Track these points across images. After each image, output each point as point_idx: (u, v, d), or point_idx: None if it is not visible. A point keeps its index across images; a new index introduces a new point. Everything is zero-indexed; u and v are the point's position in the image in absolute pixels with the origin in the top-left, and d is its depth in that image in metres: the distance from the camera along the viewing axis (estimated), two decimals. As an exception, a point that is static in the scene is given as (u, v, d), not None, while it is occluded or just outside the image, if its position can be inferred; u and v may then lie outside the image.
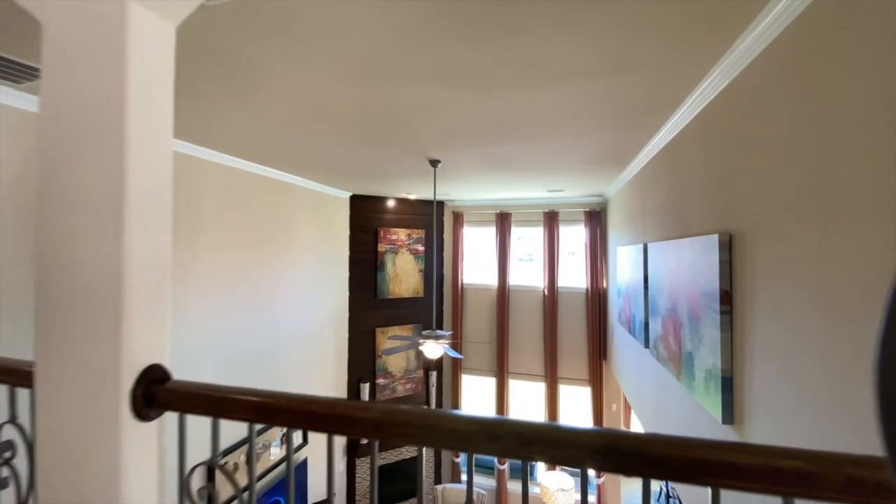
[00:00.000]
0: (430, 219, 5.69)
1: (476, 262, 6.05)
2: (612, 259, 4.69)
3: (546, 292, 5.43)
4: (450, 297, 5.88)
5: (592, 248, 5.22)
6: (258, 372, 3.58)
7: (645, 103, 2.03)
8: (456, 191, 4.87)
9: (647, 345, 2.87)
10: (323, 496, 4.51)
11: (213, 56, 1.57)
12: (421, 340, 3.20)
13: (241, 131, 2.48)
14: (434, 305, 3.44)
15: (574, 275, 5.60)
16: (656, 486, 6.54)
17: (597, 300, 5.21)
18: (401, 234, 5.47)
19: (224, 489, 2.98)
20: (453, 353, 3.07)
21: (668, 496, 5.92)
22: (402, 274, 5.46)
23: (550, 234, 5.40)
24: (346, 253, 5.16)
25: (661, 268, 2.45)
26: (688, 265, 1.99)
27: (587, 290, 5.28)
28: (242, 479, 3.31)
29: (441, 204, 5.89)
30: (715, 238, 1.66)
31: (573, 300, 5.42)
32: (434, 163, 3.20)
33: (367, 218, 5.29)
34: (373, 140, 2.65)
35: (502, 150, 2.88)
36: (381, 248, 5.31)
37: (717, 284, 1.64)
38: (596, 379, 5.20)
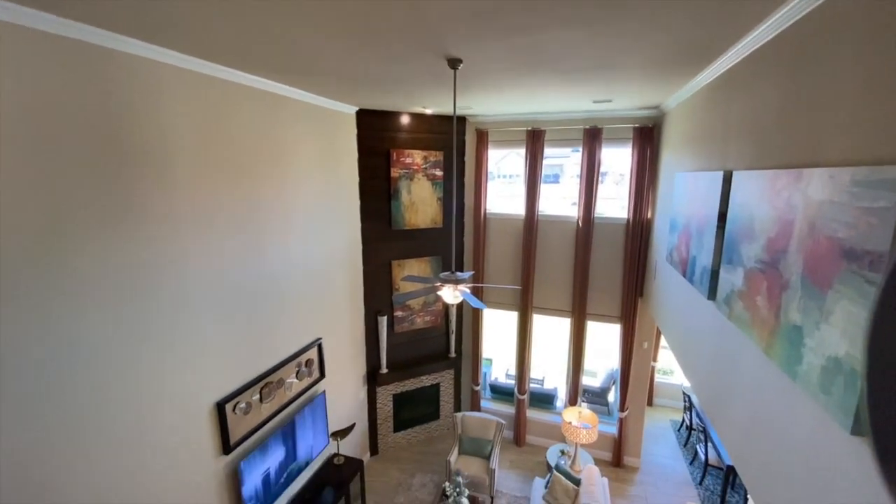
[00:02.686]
0: (449, 138, 4.96)
1: (501, 188, 5.42)
2: (665, 186, 3.98)
3: (580, 223, 4.83)
4: (471, 227, 5.37)
5: (640, 173, 4.47)
6: (264, 312, 3.32)
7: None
8: (480, 103, 4.08)
9: (711, 296, 2.36)
10: (343, 426, 4.57)
11: None
12: (438, 284, 2.78)
13: (195, 17, 1.83)
14: (454, 237, 2.96)
15: (613, 204, 4.94)
16: (678, 415, 6.54)
17: (638, 233, 4.60)
18: (416, 157, 4.81)
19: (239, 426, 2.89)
20: (474, 303, 2.66)
21: (689, 427, 5.88)
22: (419, 202, 4.92)
23: (591, 155, 4.62)
24: (356, 179, 4.60)
25: (756, 206, 1.83)
26: (817, 209, 1.38)
27: (628, 220, 4.65)
28: (257, 418, 3.24)
29: (462, 120, 5.10)
30: (901, 172, 1.04)
31: (611, 232, 4.82)
32: (454, 63, 2.47)
33: (376, 138, 4.61)
34: (370, 24, 1.95)
35: (543, 40, 2.12)
36: (395, 173, 4.72)
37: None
38: (629, 316, 4.82)
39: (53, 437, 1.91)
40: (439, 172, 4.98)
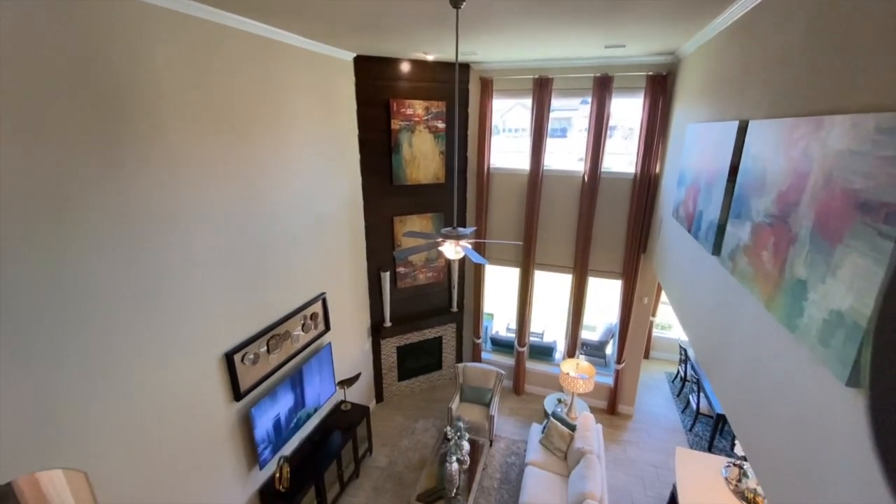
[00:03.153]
0: (451, 87, 4.73)
1: (506, 143, 5.25)
2: (675, 139, 3.83)
3: (586, 178, 4.71)
4: (474, 182, 5.26)
5: (650, 125, 4.29)
6: (267, 267, 3.34)
7: None
8: (484, 48, 3.85)
9: (715, 251, 2.34)
10: (349, 375, 4.75)
11: None
12: (440, 239, 2.76)
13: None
14: (456, 193, 2.90)
15: (620, 159, 4.80)
16: (673, 368, 6.75)
17: (645, 188, 4.50)
18: (417, 108, 4.62)
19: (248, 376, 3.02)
20: (476, 258, 2.66)
21: (683, 379, 6.09)
22: (420, 157, 4.78)
23: (600, 106, 4.42)
24: (355, 131, 4.45)
25: (771, 158, 1.76)
26: (834, 159, 1.32)
27: (635, 175, 4.53)
28: (265, 368, 3.36)
29: (465, 68, 4.83)
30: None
31: (617, 188, 4.71)
32: (456, 2, 2.29)
33: (376, 87, 4.40)
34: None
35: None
36: (395, 124, 4.55)
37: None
38: (631, 272, 4.83)
39: (74, 389, 1.99)
40: (441, 124, 4.80)
